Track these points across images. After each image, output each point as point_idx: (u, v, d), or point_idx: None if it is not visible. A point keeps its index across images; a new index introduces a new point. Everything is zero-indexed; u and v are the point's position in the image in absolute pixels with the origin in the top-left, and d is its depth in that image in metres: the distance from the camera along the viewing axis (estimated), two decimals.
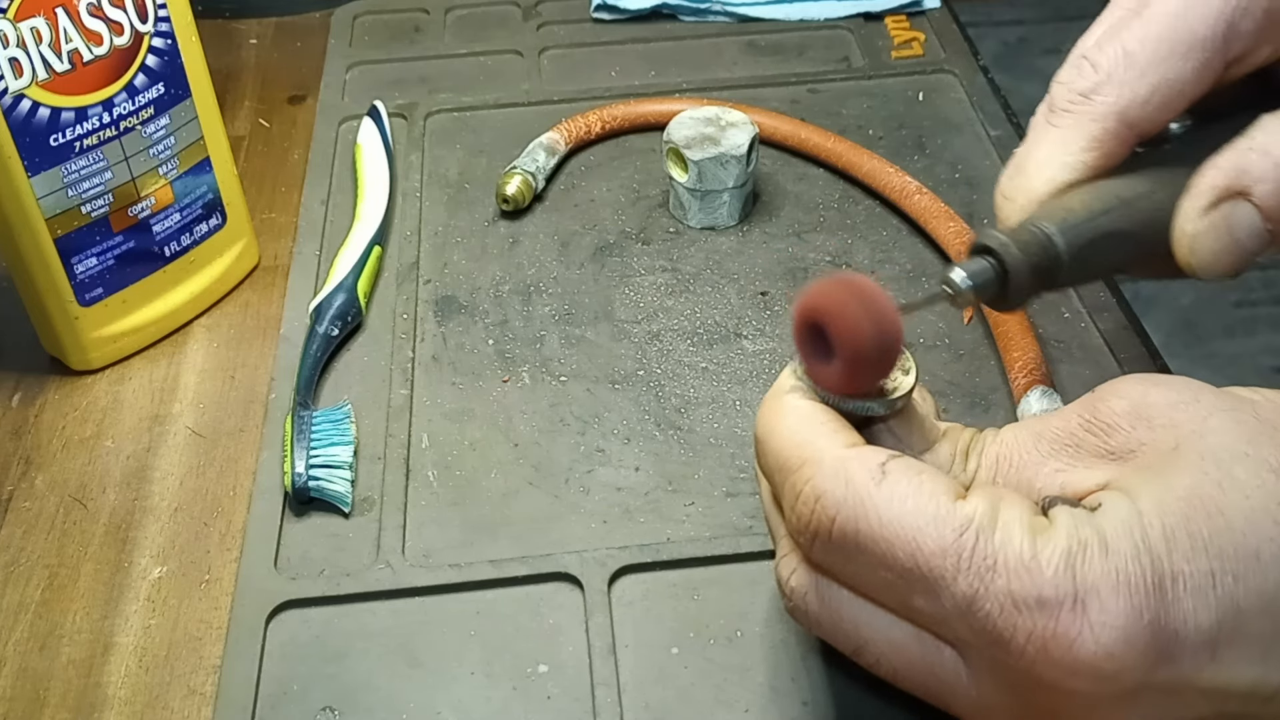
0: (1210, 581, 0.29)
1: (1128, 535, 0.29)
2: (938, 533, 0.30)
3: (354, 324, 0.53)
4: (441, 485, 0.46)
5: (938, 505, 0.30)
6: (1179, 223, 0.35)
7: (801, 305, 0.33)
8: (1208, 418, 0.31)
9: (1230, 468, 0.30)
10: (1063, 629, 0.29)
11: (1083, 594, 0.29)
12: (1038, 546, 0.29)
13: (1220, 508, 0.29)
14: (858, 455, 0.31)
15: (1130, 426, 0.32)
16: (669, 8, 0.72)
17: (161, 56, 0.50)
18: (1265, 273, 1.56)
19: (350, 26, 0.74)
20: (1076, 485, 0.32)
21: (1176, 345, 1.45)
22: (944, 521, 0.30)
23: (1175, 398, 0.32)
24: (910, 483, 0.31)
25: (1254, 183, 0.33)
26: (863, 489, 0.31)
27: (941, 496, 0.30)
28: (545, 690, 0.40)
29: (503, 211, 0.59)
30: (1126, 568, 0.29)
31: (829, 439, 0.32)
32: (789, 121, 0.61)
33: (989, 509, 0.30)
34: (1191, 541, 0.29)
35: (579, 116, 0.62)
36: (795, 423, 0.33)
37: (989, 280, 0.34)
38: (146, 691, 0.41)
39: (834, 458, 0.32)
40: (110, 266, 0.51)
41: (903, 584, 0.31)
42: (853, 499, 0.31)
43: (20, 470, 0.49)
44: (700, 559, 0.43)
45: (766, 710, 0.39)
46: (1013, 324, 0.49)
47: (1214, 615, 0.29)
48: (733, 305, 0.53)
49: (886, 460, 0.31)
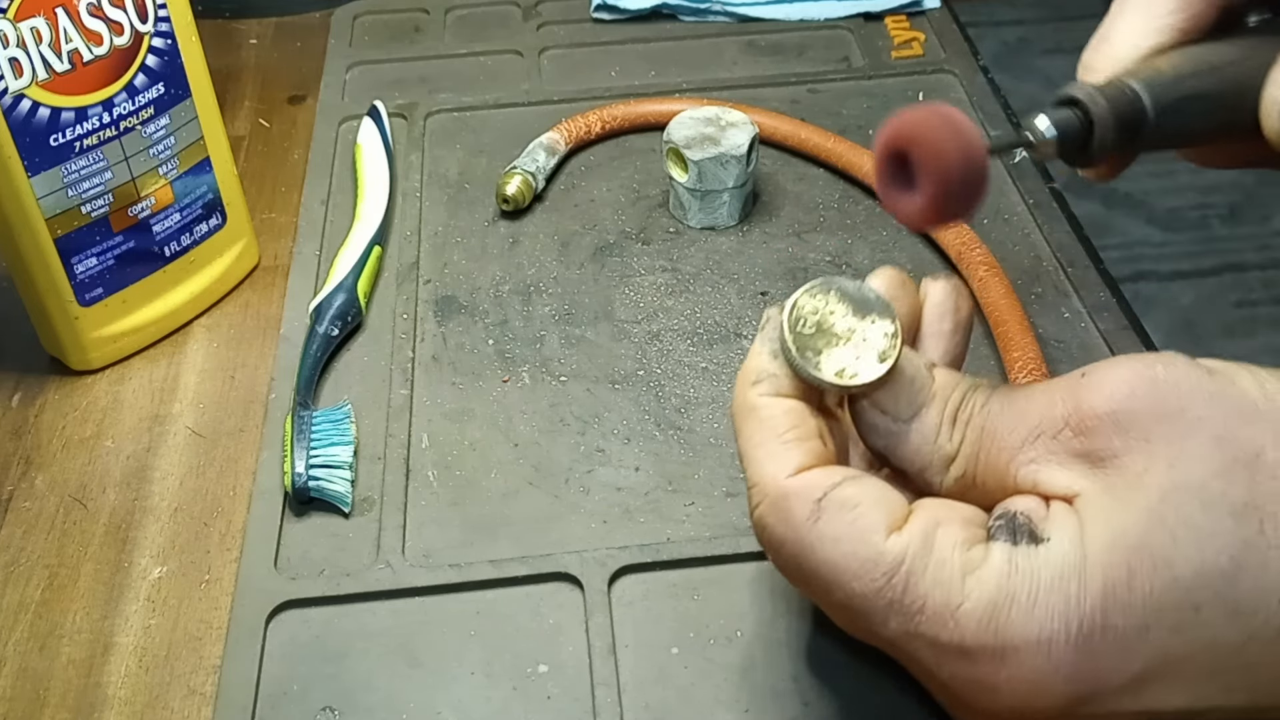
0: (1143, 635, 0.29)
1: (1061, 589, 0.29)
2: (869, 577, 0.31)
3: (354, 324, 0.53)
4: (441, 485, 0.46)
5: (869, 548, 0.31)
6: (1269, 88, 0.34)
7: (886, 131, 0.31)
8: (1186, 439, 0.30)
9: (1190, 512, 0.29)
10: (983, 676, 0.30)
11: (1002, 649, 0.30)
12: (966, 592, 0.30)
13: (1169, 560, 0.29)
14: (798, 489, 0.32)
15: (1108, 433, 0.31)
16: (669, 8, 0.72)
17: (161, 56, 0.50)
18: (1265, 273, 1.57)
19: (350, 26, 0.74)
20: (1047, 484, 0.32)
21: (1177, 345, 1.45)
22: (874, 565, 0.31)
23: (1161, 406, 0.30)
24: (844, 521, 0.31)
25: None
26: (800, 528, 0.32)
27: (875, 534, 0.31)
28: (545, 690, 0.40)
29: (503, 212, 0.59)
30: (1051, 625, 0.29)
31: (778, 461, 0.32)
32: (789, 121, 0.61)
33: (922, 545, 0.31)
34: (1130, 596, 0.29)
35: (579, 116, 0.62)
36: (755, 431, 0.33)
37: (1073, 130, 0.33)
38: (146, 691, 0.41)
39: (776, 491, 0.32)
40: (110, 266, 0.51)
41: (846, 611, 0.32)
42: (792, 537, 0.32)
43: (20, 470, 0.49)
44: (700, 559, 0.43)
45: (767, 710, 0.39)
46: (1012, 324, 0.49)
47: (1140, 663, 0.29)
48: (733, 305, 0.53)
49: (824, 494, 0.31)
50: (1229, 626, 0.29)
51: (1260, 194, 1.67)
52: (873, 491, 0.32)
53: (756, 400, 0.34)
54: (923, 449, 0.33)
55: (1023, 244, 0.56)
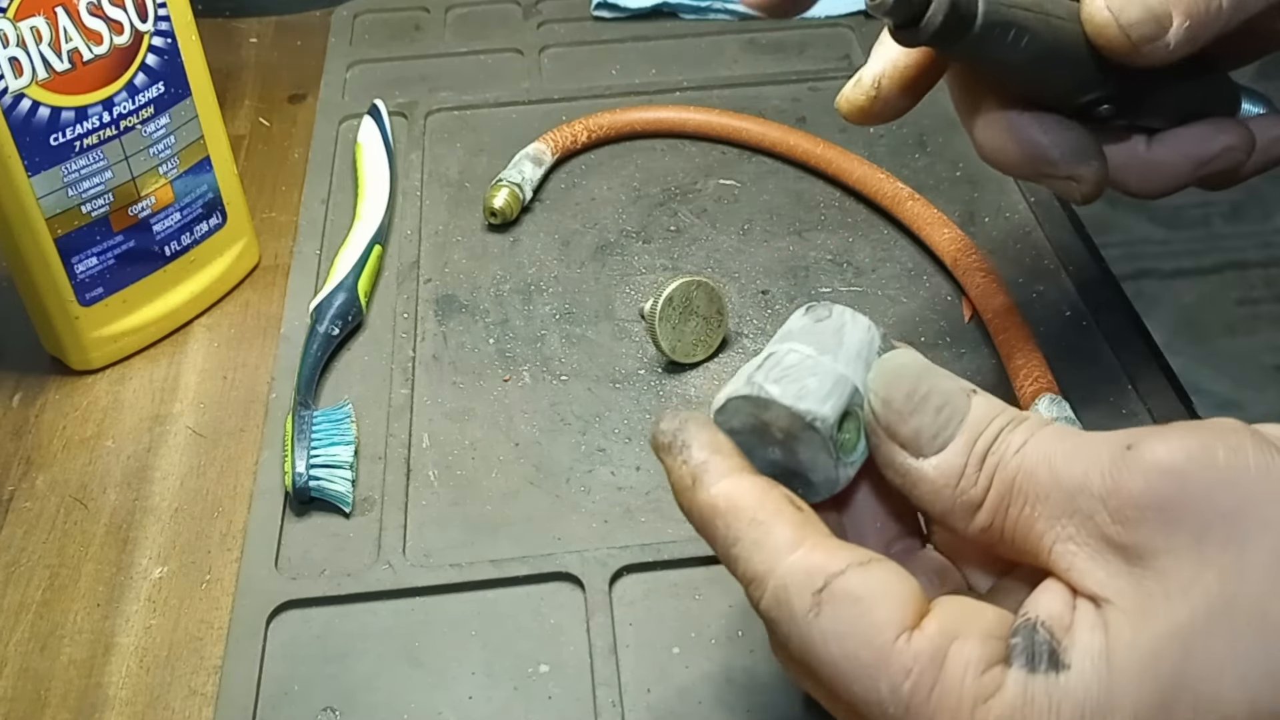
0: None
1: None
2: (872, 683, 0.27)
3: (354, 323, 0.53)
4: (442, 485, 0.46)
5: (875, 651, 0.27)
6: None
7: None
8: (1246, 547, 0.26)
9: (1244, 640, 0.25)
10: None
11: None
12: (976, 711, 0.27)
13: (1215, 696, 0.25)
14: (796, 580, 0.28)
15: (1150, 528, 0.26)
16: (669, 6, 0.72)
17: (161, 56, 0.50)
18: (1267, 270, 1.57)
19: (350, 25, 0.74)
20: (1079, 577, 0.28)
21: (1178, 344, 1.45)
22: (879, 670, 0.27)
23: (1218, 502, 0.26)
24: (849, 615, 0.28)
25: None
26: (801, 623, 0.28)
27: (883, 635, 0.27)
28: (546, 690, 0.40)
29: (490, 225, 0.58)
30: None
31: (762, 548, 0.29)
32: (778, 128, 0.61)
33: (931, 660, 0.27)
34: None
35: (565, 126, 0.62)
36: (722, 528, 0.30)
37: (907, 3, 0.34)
38: (147, 692, 0.41)
39: (774, 582, 0.29)
40: (110, 266, 0.51)
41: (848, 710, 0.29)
42: (795, 633, 0.28)
43: (21, 470, 0.49)
44: (702, 559, 0.43)
45: (767, 710, 0.39)
46: (1013, 330, 0.49)
47: None
48: (733, 304, 0.53)
49: (825, 584, 0.28)
50: None
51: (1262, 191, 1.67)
52: (882, 581, 0.28)
53: (708, 497, 0.30)
54: (943, 493, 0.29)
55: (1024, 242, 0.56)
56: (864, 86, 0.40)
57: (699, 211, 0.59)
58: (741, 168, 0.61)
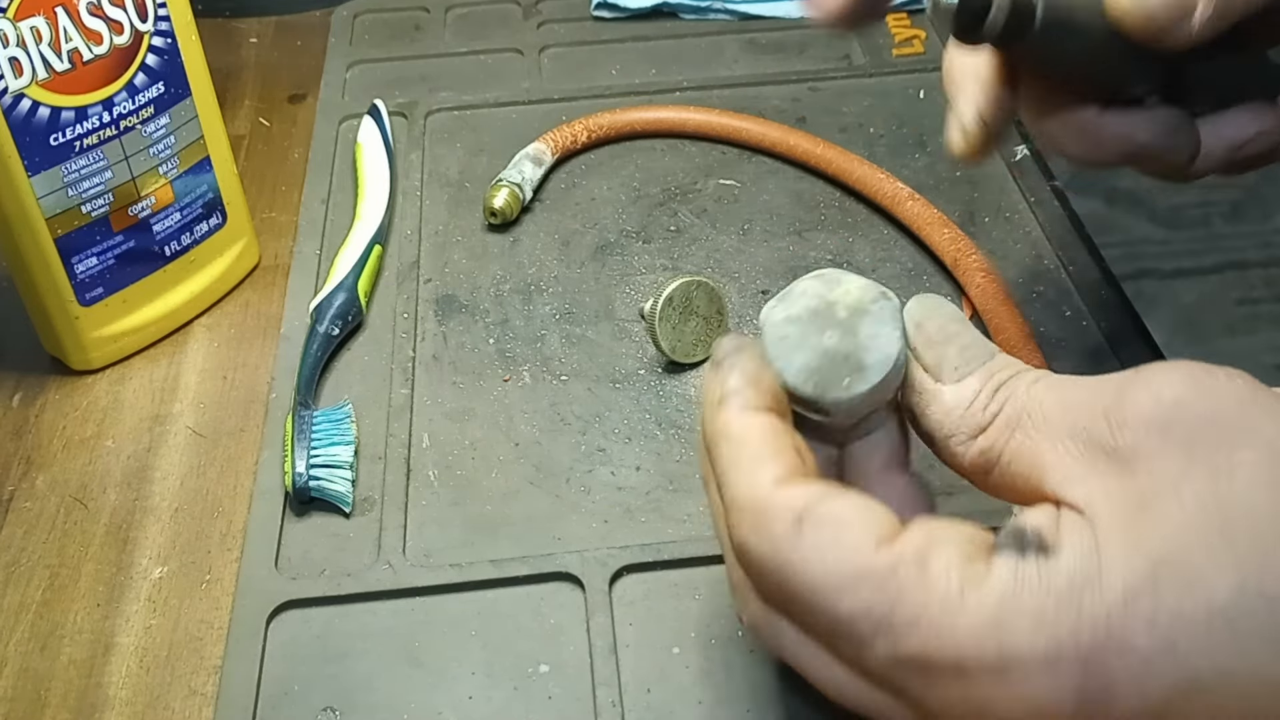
0: (1169, 655, 0.26)
1: (1073, 601, 0.27)
2: (856, 593, 0.28)
3: (354, 323, 0.53)
4: (442, 485, 0.46)
5: (856, 562, 0.28)
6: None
7: None
8: (1237, 449, 0.27)
9: (1233, 528, 0.26)
10: (980, 698, 0.27)
11: (1004, 665, 0.27)
12: (965, 605, 0.27)
13: (1203, 577, 0.26)
14: (778, 505, 0.29)
15: (1146, 431, 0.28)
16: (670, 6, 0.72)
17: (161, 55, 0.50)
18: (1267, 270, 1.56)
19: (350, 25, 0.74)
20: (1070, 488, 0.29)
21: (1178, 344, 1.45)
22: (862, 579, 0.28)
23: (1213, 411, 0.28)
24: (829, 534, 0.28)
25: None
26: (782, 546, 0.29)
27: (863, 548, 0.28)
28: (546, 690, 0.40)
29: (490, 225, 0.58)
30: (1060, 639, 0.26)
31: (754, 475, 0.30)
32: (778, 128, 0.61)
33: (915, 557, 0.28)
34: (1155, 612, 0.26)
35: (565, 126, 0.62)
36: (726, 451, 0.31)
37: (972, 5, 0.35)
38: (147, 692, 0.41)
39: (754, 507, 0.30)
40: (110, 266, 0.51)
41: (829, 636, 0.29)
42: (774, 558, 0.29)
43: (21, 470, 0.49)
44: (702, 559, 0.43)
45: (768, 710, 0.39)
46: (1012, 330, 0.49)
47: (1163, 690, 0.26)
48: (733, 304, 0.53)
49: (806, 507, 0.29)
50: (1270, 656, 0.26)
51: (1262, 191, 1.67)
52: (861, 504, 0.29)
53: (725, 419, 0.31)
54: (954, 412, 0.31)
55: (1024, 242, 0.56)
56: (973, 129, 0.42)
57: (699, 211, 0.59)
58: (741, 168, 0.61)
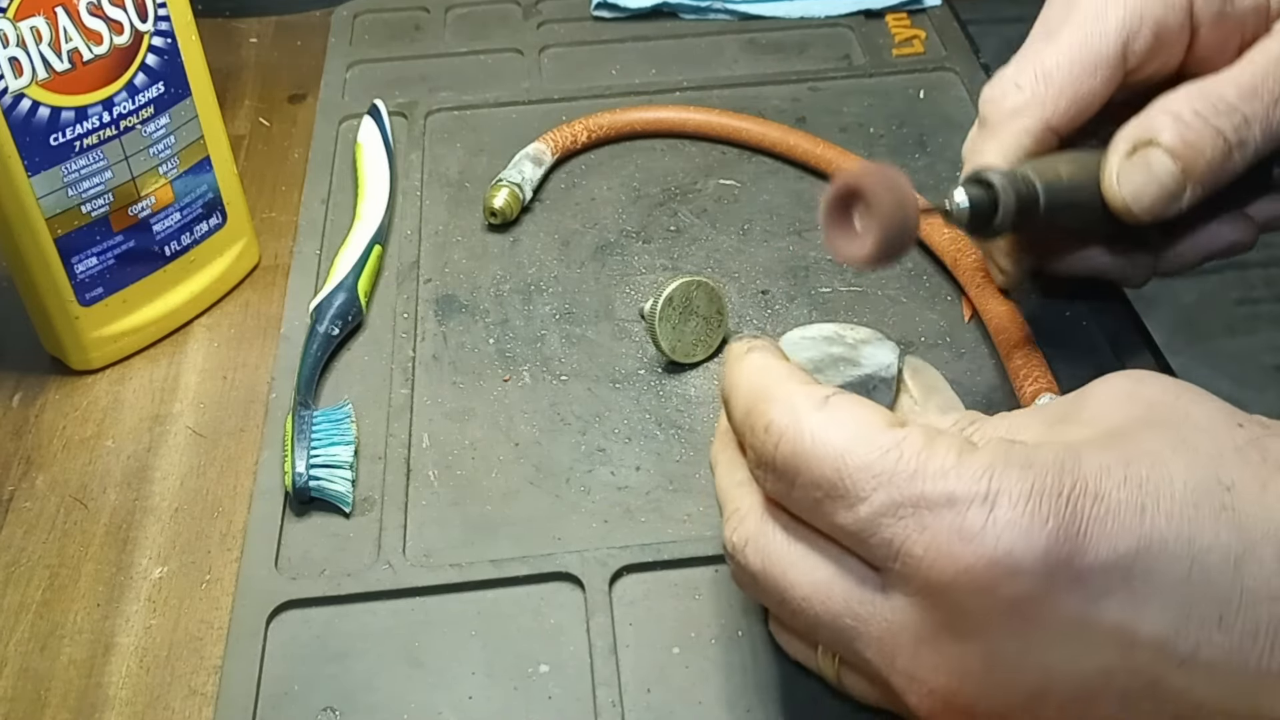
0: (1137, 512, 0.29)
1: (1056, 461, 0.30)
2: (864, 449, 0.31)
3: (354, 323, 0.53)
4: (442, 485, 0.46)
5: (870, 428, 0.32)
6: (1107, 171, 0.42)
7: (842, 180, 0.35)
8: (1190, 406, 0.32)
9: (1190, 439, 0.31)
10: (964, 525, 0.29)
11: (994, 493, 0.30)
12: (962, 460, 0.30)
13: (1166, 463, 0.30)
14: (806, 388, 0.33)
15: (1109, 402, 0.33)
16: (669, 6, 0.72)
17: (161, 55, 0.50)
18: (1267, 270, 1.56)
19: (350, 25, 0.74)
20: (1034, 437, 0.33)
21: (1178, 344, 1.45)
22: (872, 441, 0.31)
23: (1160, 394, 0.33)
24: (849, 411, 0.32)
25: (1158, 131, 0.41)
26: (804, 414, 0.32)
27: (876, 423, 0.32)
28: (546, 690, 0.40)
29: (490, 225, 0.58)
30: (1044, 479, 0.30)
31: (784, 381, 0.34)
32: (778, 128, 0.61)
33: (922, 433, 0.31)
34: (1127, 473, 0.30)
35: (565, 126, 0.62)
36: (755, 374, 0.35)
37: (983, 209, 0.40)
38: (147, 692, 0.41)
39: (785, 391, 0.33)
40: (110, 266, 0.51)
41: (829, 502, 0.32)
42: (794, 424, 0.32)
43: (21, 470, 0.49)
44: (702, 559, 0.43)
45: (768, 710, 0.39)
46: (1012, 330, 0.49)
47: (1133, 542, 0.29)
48: (733, 304, 0.53)
49: (833, 393, 0.33)
50: (1226, 531, 0.29)
51: None
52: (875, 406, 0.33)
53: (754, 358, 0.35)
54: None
55: None
56: (1011, 272, 0.49)
57: (699, 211, 0.59)
58: (741, 168, 0.61)
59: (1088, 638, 0.30)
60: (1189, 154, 0.41)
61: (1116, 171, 0.42)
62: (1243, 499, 0.30)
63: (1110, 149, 0.42)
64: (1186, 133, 0.41)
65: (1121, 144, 0.42)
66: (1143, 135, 0.42)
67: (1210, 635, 0.29)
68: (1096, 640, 0.30)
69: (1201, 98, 0.41)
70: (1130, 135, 0.42)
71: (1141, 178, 0.41)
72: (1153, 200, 0.41)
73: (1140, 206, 0.42)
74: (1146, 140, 0.41)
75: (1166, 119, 0.41)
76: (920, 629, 0.31)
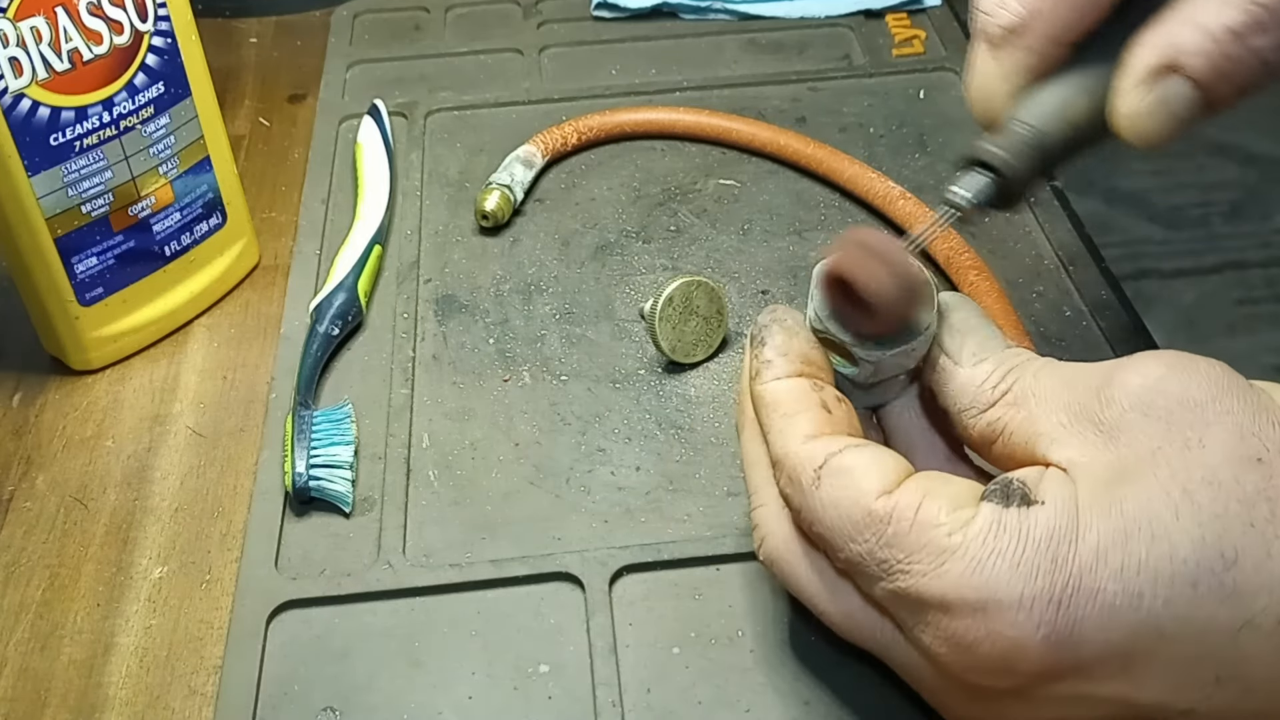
0: (1135, 604, 0.29)
1: (1050, 549, 0.30)
2: (860, 538, 0.32)
3: (354, 323, 0.53)
4: (442, 485, 0.46)
5: (860, 510, 0.32)
6: (1116, 104, 0.35)
7: (828, 272, 0.35)
8: (1209, 426, 0.30)
9: (1197, 492, 0.29)
10: (961, 632, 0.30)
11: (983, 602, 0.30)
12: (951, 546, 0.30)
13: (1169, 533, 0.29)
14: (803, 458, 0.34)
15: (1130, 407, 0.31)
16: (669, 6, 0.72)
17: (161, 55, 0.50)
18: (1267, 270, 1.56)
19: (350, 25, 0.74)
20: (1059, 450, 0.32)
21: (1179, 343, 1.44)
22: (864, 526, 0.32)
23: (1191, 392, 0.31)
24: (841, 484, 0.32)
25: (1186, 57, 0.33)
26: (807, 494, 0.33)
27: (867, 497, 0.32)
28: (546, 690, 0.40)
29: (482, 228, 0.58)
30: (1035, 582, 0.29)
31: (786, 435, 0.34)
32: (768, 129, 0.61)
33: (908, 504, 0.31)
34: (1124, 563, 0.29)
35: (555, 128, 0.62)
36: (766, 417, 0.35)
37: (990, 193, 0.37)
38: (147, 692, 0.41)
39: (787, 464, 0.34)
40: (110, 266, 0.51)
41: (849, 572, 0.34)
42: (805, 505, 0.33)
43: (21, 470, 0.49)
44: (701, 559, 0.43)
45: (768, 710, 0.39)
46: (1006, 327, 0.49)
47: (1127, 634, 0.29)
48: (734, 304, 0.53)
49: (824, 461, 0.33)
50: (1225, 609, 0.29)
51: (1262, 191, 1.67)
52: (870, 456, 0.33)
53: (759, 390, 0.36)
54: (967, 389, 0.35)
55: (1024, 242, 0.56)
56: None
57: (699, 211, 0.59)
58: (741, 168, 0.61)
59: (1089, 703, 0.31)
60: (1219, 85, 0.33)
61: (1129, 112, 0.34)
62: (1245, 572, 0.29)
63: (1123, 72, 0.34)
64: (1219, 59, 0.33)
65: (1137, 72, 0.34)
66: (1163, 58, 0.33)
67: (1208, 693, 0.30)
68: (1096, 701, 0.31)
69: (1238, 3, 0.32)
70: (1148, 61, 0.34)
71: (1159, 118, 0.34)
72: (1168, 136, 0.35)
73: (1148, 142, 0.35)
74: (1168, 65, 0.33)
75: (1196, 36, 0.33)
76: (935, 682, 0.34)
